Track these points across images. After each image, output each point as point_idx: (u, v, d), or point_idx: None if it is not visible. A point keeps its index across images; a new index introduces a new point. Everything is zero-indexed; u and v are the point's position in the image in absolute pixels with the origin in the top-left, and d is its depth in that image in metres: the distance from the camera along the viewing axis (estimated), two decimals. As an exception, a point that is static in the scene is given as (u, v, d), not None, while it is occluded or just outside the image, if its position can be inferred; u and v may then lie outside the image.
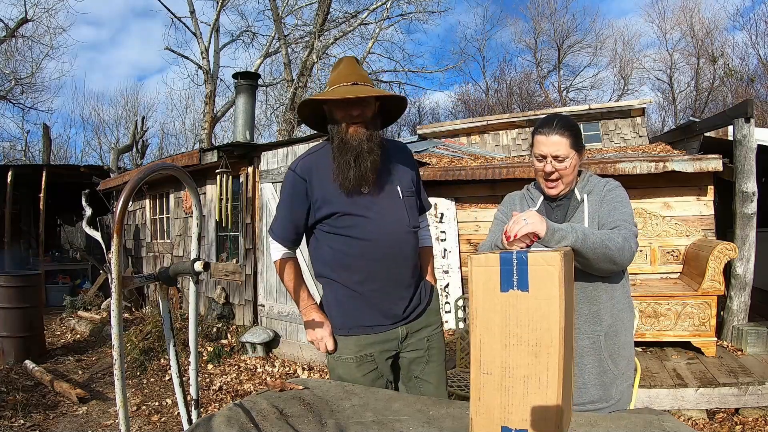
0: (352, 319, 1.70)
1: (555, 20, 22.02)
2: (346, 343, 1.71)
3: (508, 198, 1.83)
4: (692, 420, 3.32)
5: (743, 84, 16.91)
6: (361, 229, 1.66)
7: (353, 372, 1.69)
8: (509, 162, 5.54)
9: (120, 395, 1.19)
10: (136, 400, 4.13)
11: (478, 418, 1.12)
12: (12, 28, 13.93)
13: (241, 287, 5.93)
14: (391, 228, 1.68)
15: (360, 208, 1.67)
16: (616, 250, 1.40)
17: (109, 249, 6.48)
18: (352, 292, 1.70)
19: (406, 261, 1.72)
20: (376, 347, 1.71)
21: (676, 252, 4.66)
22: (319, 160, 1.73)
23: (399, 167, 1.78)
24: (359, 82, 1.65)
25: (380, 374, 1.73)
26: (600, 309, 1.55)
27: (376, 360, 1.71)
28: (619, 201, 1.57)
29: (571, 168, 1.58)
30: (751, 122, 4.25)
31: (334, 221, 1.68)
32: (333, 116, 1.69)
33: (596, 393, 1.55)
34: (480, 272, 1.12)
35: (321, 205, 1.68)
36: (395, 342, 1.74)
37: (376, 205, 1.68)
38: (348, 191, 1.65)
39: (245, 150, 5.77)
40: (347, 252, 1.68)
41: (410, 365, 1.77)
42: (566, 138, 1.56)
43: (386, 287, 1.70)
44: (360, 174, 1.63)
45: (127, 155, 13.65)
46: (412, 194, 1.79)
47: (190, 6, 11.87)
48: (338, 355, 1.72)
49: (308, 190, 1.70)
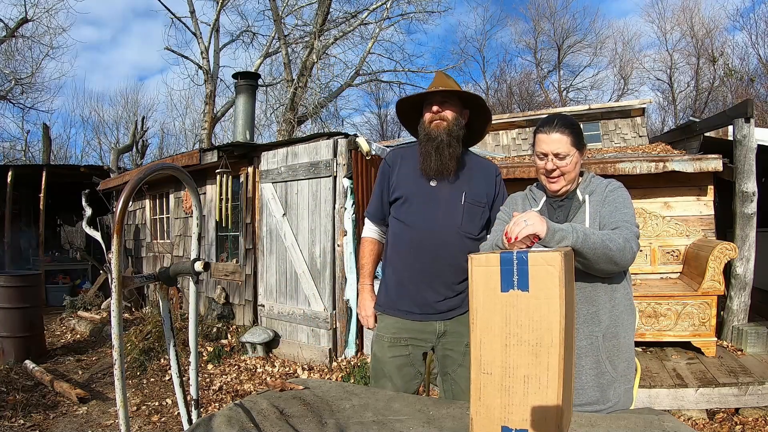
0: (394, 302, 1.84)
1: (555, 20, 22.05)
2: (386, 322, 1.86)
3: (510, 198, 1.84)
4: (692, 420, 3.32)
5: (743, 84, 16.90)
6: (414, 217, 1.82)
7: (384, 351, 1.82)
8: (509, 162, 5.53)
9: (120, 395, 1.19)
10: (136, 400, 4.13)
11: (478, 418, 1.12)
12: (12, 28, 13.93)
13: (241, 287, 5.93)
14: (441, 224, 1.80)
15: (419, 197, 1.83)
16: (617, 251, 1.40)
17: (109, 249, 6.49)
18: (396, 277, 1.85)
19: (451, 261, 1.79)
20: (412, 334, 1.81)
21: (676, 252, 4.66)
22: (406, 152, 1.94)
23: (475, 178, 1.91)
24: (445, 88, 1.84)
25: (410, 362, 1.81)
26: (599, 310, 1.55)
27: (409, 346, 1.81)
28: (621, 202, 1.57)
29: (572, 165, 1.60)
30: (751, 122, 4.25)
31: (399, 205, 1.87)
32: (422, 115, 1.88)
33: (593, 395, 1.54)
34: (480, 272, 1.12)
35: (394, 189, 1.88)
36: (432, 335, 1.81)
37: (435, 201, 1.82)
38: (427, 177, 1.82)
39: (245, 150, 5.77)
40: (400, 236, 1.85)
41: (444, 360, 1.85)
42: (567, 136, 1.59)
43: (426, 279, 1.79)
44: (441, 163, 1.80)
45: (127, 155, 13.65)
46: (479, 205, 1.88)
47: (190, 6, 11.88)
48: (377, 332, 1.87)
49: (390, 174, 1.91)
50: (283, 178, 5.37)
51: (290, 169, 5.30)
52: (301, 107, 11.89)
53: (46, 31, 14.81)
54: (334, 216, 4.90)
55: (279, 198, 5.44)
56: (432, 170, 1.80)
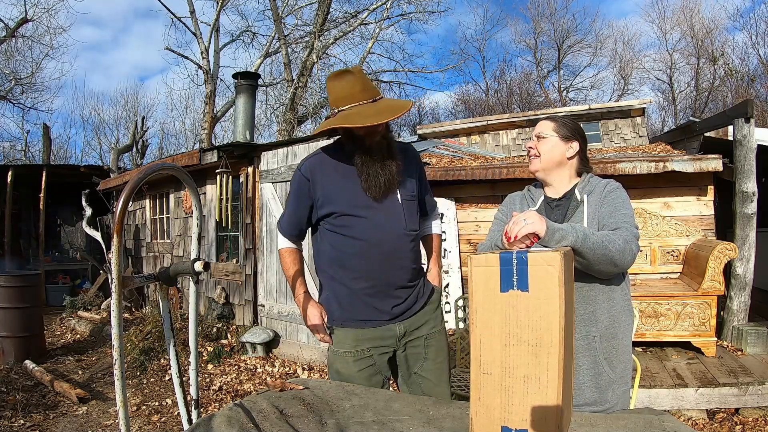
0: (349, 313, 1.75)
1: (555, 20, 22.03)
2: (344, 335, 1.75)
3: (508, 198, 1.85)
4: (692, 420, 3.32)
5: (743, 84, 16.90)
6: (358, 229, 1.71)
7: (350, 367, 1.72)
8: (509, 162, 5.53)
9: (120, 395, 1.19)
10: (136, 400, 4.13)
11: (478, 418, 1.12)
12: (12, 28, 13.93)
13: (241, 287, 5.93)
14: (387, 230, 1.72)
15: (359, 209, 1.71)
16: (617, 252, 1.40)
17: (109, 249, 6.49)
18: (348, 290, 1.74)
19: (401, 264, 1.75)
20: (373, 343, 1.74)
21: (676, 252, 4.66)
22: (324, 160, 1.78)
23: (404, 172, 1.79)
24: (376, 98, 1.68)
25: (377, 371, 1.75)
26: (596, 310, 1.55)
27: (373, 356, 1.74)
28: (620, 202, 1.57)
29: (548, 147, 1.67)
30: (751, 122, 4.25)
31: (333, 220, 1.74)
32: (351, 132, 1.71)
33: (591, 395, 1.54)
34: (480, 272, 1.12)
35: (323, 203, 1.74)
36: (392, 339, 1.76)
37: (375, 208, 1.72)
38: (377, 197, 1.70)
39: (245, 150, 5.77)
40: (345, 250, 1.73)
41: (408, 362, 1.80)
42: (551, 122, 1.69)
43: (380, 287, 1.72)
44: (389, 179, 1.70)
45: (127, 155, 13.65)
46: (412, 198, 1.82)
47: (190, 6, 11.88)
48: (336, 350, 1.76)
49: (311, 188, 1.75)
50: (283, 178, 5.37)
51: (290, 169, 5.30)
52: (301, 107, 11.89)
53: (46, 31, 14.84)
54: (334, 216, 4.90)
55: (279, 198, 5.44)
56: (381, 189, 1.69)
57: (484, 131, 9.38)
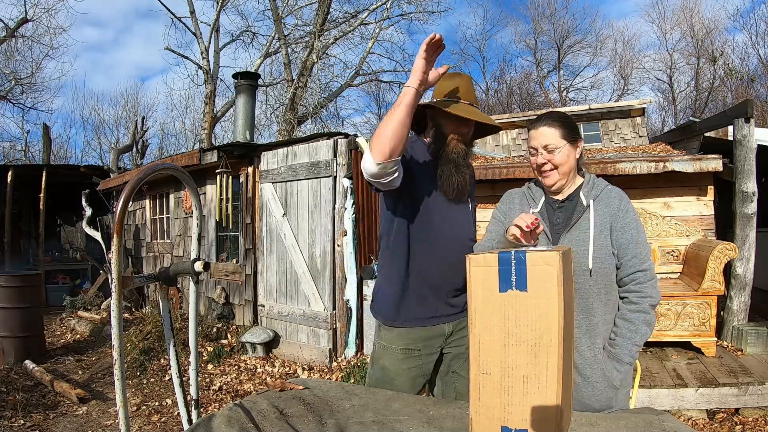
0: (403, 312, 1.77)
1: (555, 20, 22.06)
2: (397, 334, 1.78)
3: (507, 195, 1.79)
4: (692, 420, 3.32)
5: (743, 84, 16.90)
6: (430, 227, 1.75)
7: (398, 364, 1.76)
8: (509, 162, 5.53)
9: (120, 395, 1.19)
10: (136, 400, 4.13)
11: (478, 418, 1.12)
12: (12, 28, 13.93)
13: (241, 287, 5.93)
14: (455, 234, 1.78)
15: (437, 206, 1.76)
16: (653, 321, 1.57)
17: (109, 249, 6.49)
18: (404, 284, 1.76)
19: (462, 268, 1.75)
20: (425, 342, 1.77)
21: (676, 252, 4.66)
22: (414, 146, 1.80)
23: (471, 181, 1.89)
24: (474, 104, 1.76)
25: (422, 373, 1.79)
26: (599, 321, 1.55)
27: (422, 356, 1.77)
28: (635, 227, 1.57)
29: (563, 157, 1.58)
30: (751, 122, 4.25)
31: (413, 209, 1.76)
32: (441, 124, 1.76)
33: (606, 402, 1.55)
34: (478, 272, 1.12)
35: (411, 187, 1.72)
36: (441, 338, 1.79)
37: (450, 211, 1.78)
38: (449, 197, 1.76)
39: (245, 150, 5.77)
40: (412, 244, 1.76)
41: (452, 360, 1.83)
42: (555, 128, 1.58)
43: (438, 288, 1.76)
44: (462, 183, 1.75)
45: (127, 155, 13.63)
46: (475, 209, 1.91)
47: (190, 6, 11.87)
48: (388, 345, 1.79)
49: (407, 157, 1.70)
50: (283, 178, 5.37)
51: (290, 169, 5.30)
52: (301, 107, 11.89)
53: (46, 31, 14.84)
54: (334, 216, 4.90)
55: (279, 198, 5.44)
56: (454, 189, 1.75)
57: (484, 131, 9.37)
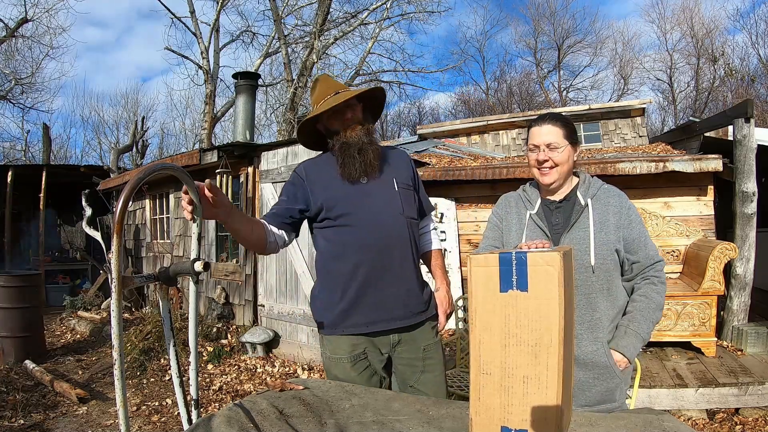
0: (345, 319, 1.72)
1: (555, 21, 22.05)
2: (339, 342, 1.73)
3: (503, 199, 1.79)
4: (692, 420, 3.32)
5: (743, 84, 16.90)
6: (354, 216, 1.71)
7: (348, 371, 1.71)
8: (509, 162, 5.53)
9: (120, 395, 1.19)
10: (136, 400, 4.13)
11: (478, 419, 1.12)
12: (12, 28, 13.93)
13: (241, 287, 5.93)
14: (384, 213, 1.72)
15: (356, 196, 1.72)
16: (662, 307, 1.66)
17: (109, 249, 6.48)
18: (343, 286, 1.70)
19: (399, 247, 1.72)
20: (367, 345, 1.73)
21: (676, 252, 4.65)
22: (319, 161, 1.84)
23: (396, 165, 1.85)
24: (339, 91, 1.76)
25: (374, 371, 1.74)
26: (601, 316, 1.56)
27: (369, 358, 1.73)
28: (640, 223, 1.62)
29: (564, 157, 1.58)
30: (751, 122, 4.25)
31: (329, 212, 1.73)
32: (330, 129, 1.79)
33: (603, 396, 1.56)
34: (479, 272, 1.12)
35: (319, 198, 1.74)
36: (387, 346, 1.74)
37: (369, 194, 1.73)
38: (352, 181, 1.73)
39: (245, 150, 5.78)
40: (340, 240, 1.72)
41: (404, 374, 1.77)
42: (559, 128, 1.59)
43: (378, 274, 1.69)
44: (366, 162, 1.72)
45: (127, 155, 13.64)
46: (408, 188, 1.82)
47: (190, 6, 11.88)
48: (333, 355, 1.74)
49: (307, 186, 1.76)
50: (283, 178, 5.37)
51: (290, 169, 5.30)
52: (301, 107, 11.90)
53: (46, 31, 14.86)
54: (334, 216, 4.90)
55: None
56: (357, 172, 1.71)
57: (484, 131, 9.39)
